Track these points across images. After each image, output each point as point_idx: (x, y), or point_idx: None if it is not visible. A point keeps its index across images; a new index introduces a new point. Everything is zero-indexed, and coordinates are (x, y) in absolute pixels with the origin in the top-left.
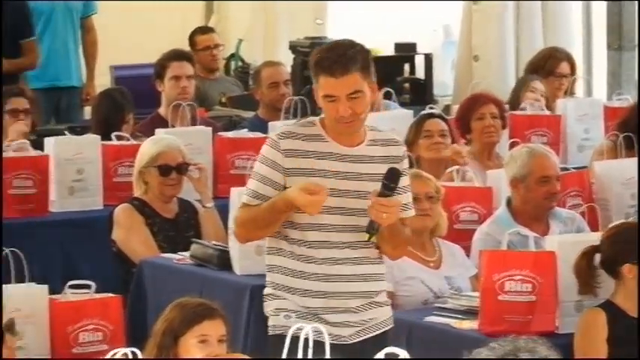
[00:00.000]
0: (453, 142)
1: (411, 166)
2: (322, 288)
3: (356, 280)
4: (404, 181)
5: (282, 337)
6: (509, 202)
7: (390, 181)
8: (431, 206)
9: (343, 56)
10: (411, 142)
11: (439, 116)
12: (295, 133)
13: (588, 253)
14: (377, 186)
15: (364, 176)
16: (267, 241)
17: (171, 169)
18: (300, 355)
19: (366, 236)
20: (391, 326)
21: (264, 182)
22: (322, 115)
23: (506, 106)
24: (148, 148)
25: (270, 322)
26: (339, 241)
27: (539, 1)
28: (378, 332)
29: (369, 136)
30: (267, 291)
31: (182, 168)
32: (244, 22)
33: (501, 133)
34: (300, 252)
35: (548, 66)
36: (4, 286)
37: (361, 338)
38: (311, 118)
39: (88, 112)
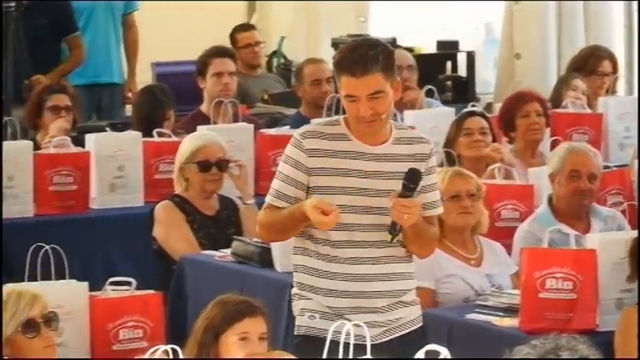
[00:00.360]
0: (494, 140)
1: (452, 163)
2: (347, 288)
3: (382, 279)
4: (431, 179)
5: (307, 337)
6: (550, 200)
7: (410, 181)
8: (472, 204)
9: (364, 56)
10: (451, 140)
11: (480, 114)
12: (319, 132)
13: None
14: (398, 184)
15: (388, 175)
16: (294, 240)
17: (211, 164)
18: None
19: (389, 237)
20: (419, 325)
21: (287, 182)
22: (344, 116)
23: (548, 104)
24: (188, 144)
25: (296, 322)
26: (363, 240)
27: (581, 0)
28: (405, 332)
29: (395, 135)
30: (294, 291)
31: (222, 164)
32: (286, 20)
33: (545, 131)
34: (324, 251)
35: (590, 64)
36: (45, 282)
37: (387, 338)
38: (335, 117)
39: (129, 109)
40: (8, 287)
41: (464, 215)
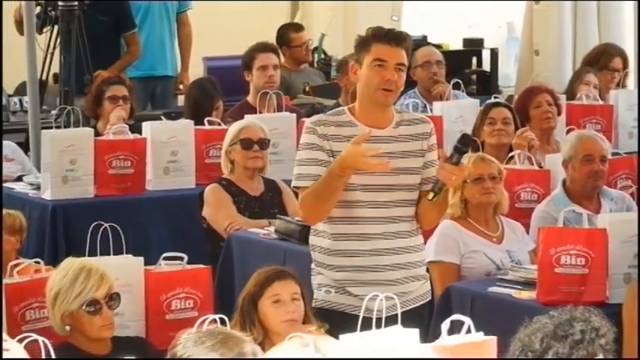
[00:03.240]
0: (517, 129)
1: (476, 149)
2: (361, 263)
3: (396, 252)
4: (433, 155)
5: (322, 310)
6: (564, 183)
7: (463, 145)
8: (493, 185)
9: (399, 33)
10: (477, 128)
11: (505, 105)
12: (327, 121)
13: None
14: (406, 163)
15: (394, 155)
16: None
17: (253, 142)
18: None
19: (431, 195)
20: (428, 299)
21: (309, 164)
22: (348, 106)
23: (563, 97)
24: (232, 129)
25: (314, 296)
26: (373, 216)
27: (595, 2)
28: (414, 306)
29: (396, 118)
30: (312, 266)
31: (264, 142)
32: (326, 19)
33: (557, 119)
34: (339, 230)
35: (603, 61)
36: (104, 257)
37: (396, 311)
38: (339, 108)
39: (181, 99)
40: (77, 261)
41: (486, 195)
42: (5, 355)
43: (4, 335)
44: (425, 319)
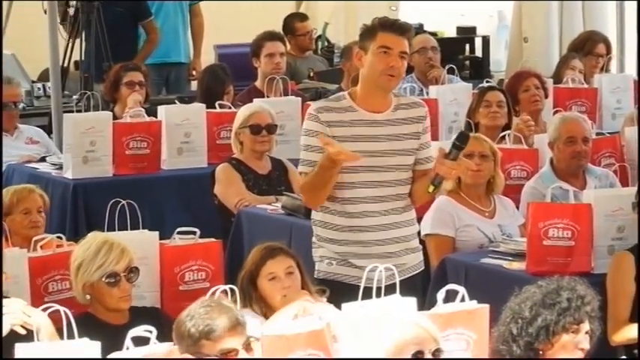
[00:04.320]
0: (509, 111)
1: (471, 130)
2: (361, 238)
3: (392, 227)
4: (428, 137)
5: (325, 281)
6: (551, 162)
7: (461, 142)
8: (482, 163)
9: (404, 23)
10: (473, 110)
11: (499, 89)
12: (329, 107)
13: None
14: (403, 145)
15: (393, 137)
16: None
17: (262, 128)
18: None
19: (431, 187)
20: (421, 269)
21: (313, 150)
22: (348, 91)
23: (550, 81)
24: (242, 112)
25: (316, 267)
26: (373, 195)
27: None
28: (409, 275)
29: (394, 102)
30: (313, 240)
31: (271, 127)
32: (329, 8)
33: (544, 102)
34: (340, 208)
35: (587, 47)
36: (122, 232)
37: (394, 281)
38: (340, 93)
39: (194, 84)
40: (101, 235)
41: (474, 173)
42: (26, 320)
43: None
44: (419, 288)
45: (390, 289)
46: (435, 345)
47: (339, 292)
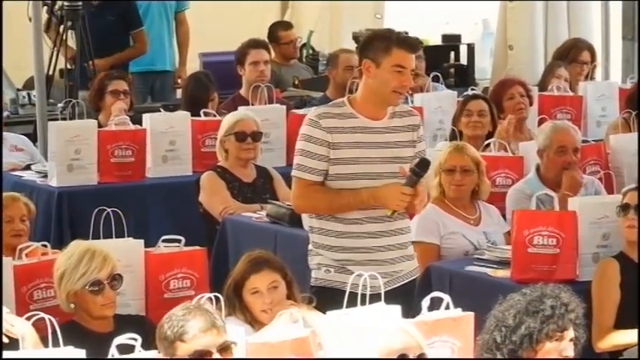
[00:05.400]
0: (493, 120)
1: (453, 138)
2: (359, 244)
3: (389, 234)
4: (422, 145)
5: (323, 288)
6: (538, 169)
7: (421, 169)
8: (464, 178)
9: (417, 41)
10: (456, 118)
11: (483, 97)
12: (330, 113)
13: None
14: (401, 152)
15: (391, 144)
16: None
17: (247, 135)
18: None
19: (389, 212)
20: (416, 276)
21: (311, 157)
22: (346, 97)
23: (536, 88)
24: (227, 120)
25: (312, 275)
26: None
27: (565, 1)
28: (404, 282)
29: (389, 110)
30: (309, 247)
31: (256, 135)
32: (313, 16)
33: (529, 110)
34: (339, 215)
35: (572, 54)
36: (107, 240)
37: (390, 287)
38: (339, 100)
39: (179, 92)
40: (83, 244)
41: (456, 188)
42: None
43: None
44: (415, 294)
45: (385, 296)
46: (419, 351)
47: (338, 299)
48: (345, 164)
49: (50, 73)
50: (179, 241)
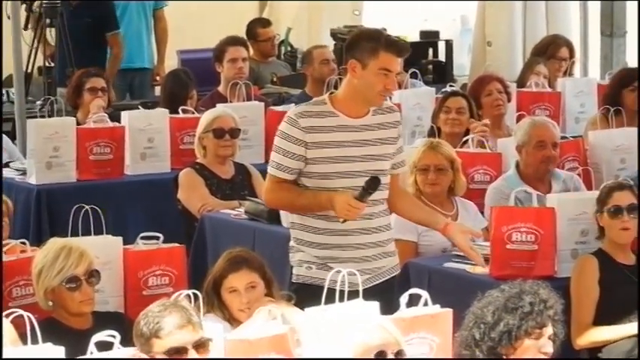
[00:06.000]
0: (472, 117)
1: (432, 135)
2: (340, 241)
3: (369, 232)
4: (401, 142)
5: (304, 285)
6: (517, 165)
7: (370, 187)
8: (439, 177)
9: (405, 45)
10: (435, 115)
11: (462, 94)
12: (310, 112)
13: None
14: (382, 150)
15: (372, 141)
16: None
17: (225, 132)
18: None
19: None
20: (397, 272)
21: (286, 155)
22: (327, 95)
23: (514, 84)
24: (205, 117)
25: (294, 272)
26: None
27: (544, 1)
28: (385, 279)
29: (372, 107)
30: (291, 244)
31: (234, 132)
32: (292, 13)
33: (507, 106)
34: (321, 212)
35: (550, 50)
36: (85, 237)
37: (372, 284)
38: (320, 97)
39: (157, 90)
40: (60, 241)
41: (430, 186)
42: None
43: None
44: (395, 291)
45: (366, 293)
46: (397, 347)
47: (319, 296)
48: (324, 163)
49: (29, 70)
50: (158, 238)
